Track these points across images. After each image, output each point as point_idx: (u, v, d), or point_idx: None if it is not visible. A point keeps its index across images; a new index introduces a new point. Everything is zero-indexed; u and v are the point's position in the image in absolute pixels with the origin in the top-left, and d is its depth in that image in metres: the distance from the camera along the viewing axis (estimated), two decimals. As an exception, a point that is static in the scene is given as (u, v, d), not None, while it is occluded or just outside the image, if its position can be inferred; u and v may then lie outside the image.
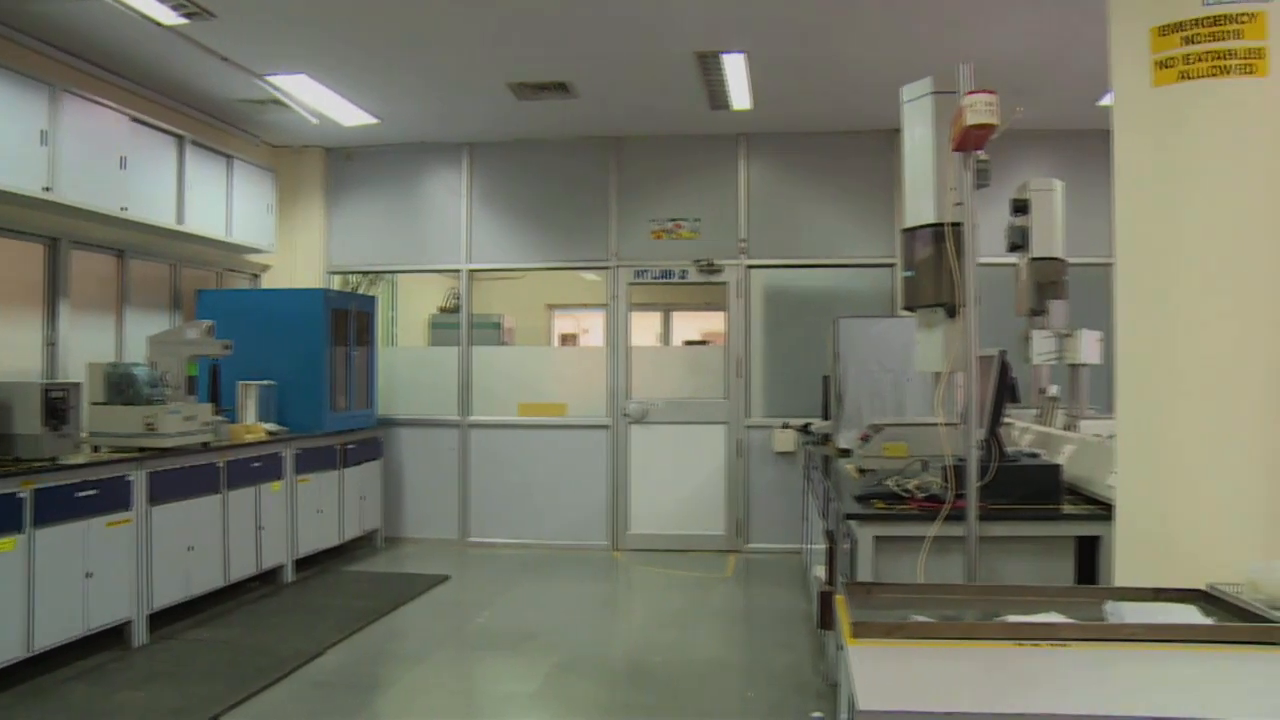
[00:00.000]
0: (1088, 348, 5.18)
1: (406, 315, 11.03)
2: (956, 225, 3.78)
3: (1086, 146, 8.10)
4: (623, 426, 9.60)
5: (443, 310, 10.81)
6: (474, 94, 8.34)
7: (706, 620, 7.25)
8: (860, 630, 2.46)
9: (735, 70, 7.62)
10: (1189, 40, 3.06)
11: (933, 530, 3.69)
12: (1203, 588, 2.82)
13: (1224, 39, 3.02)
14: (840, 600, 2.75)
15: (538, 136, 9.64)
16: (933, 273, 3.88)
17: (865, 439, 4.77)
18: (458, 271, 9.95)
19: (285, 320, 8.53)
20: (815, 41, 7.06)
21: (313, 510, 8.28)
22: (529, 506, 9.68)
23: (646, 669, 6.05)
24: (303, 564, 8.20)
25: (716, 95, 8.25)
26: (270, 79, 7.71)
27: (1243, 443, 3.01)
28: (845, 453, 6.27)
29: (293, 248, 9.85)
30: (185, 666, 5.82)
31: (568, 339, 14.04)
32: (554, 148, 9.75)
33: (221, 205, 8.47)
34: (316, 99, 8.23)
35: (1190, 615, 2.66)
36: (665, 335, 13.51)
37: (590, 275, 10.43)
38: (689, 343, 11.82)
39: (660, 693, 5.63)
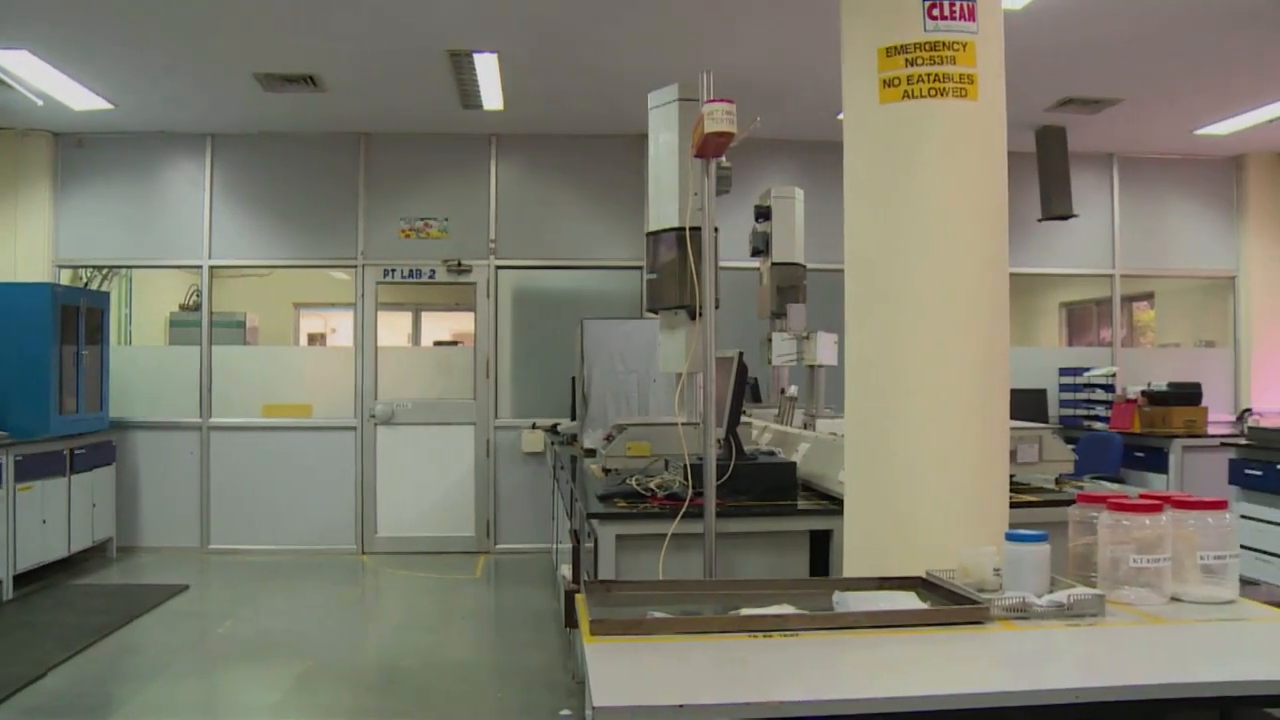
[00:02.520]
0: (824, 350, 5.40)
1: (144, 313, 10.48)
2: (697, 230, 3.89)
3: (827, 157, 8.41)
4: (370, 428, 9.42)
5: (183, 308, 10.32)
6: (218, 83, 8.01)
7: (457, 622, 7.20)
8: (598, 628, 2.50)
9: (487, 70, 7.60)
10: (911, 62, 3.24)
11: (672, 528, 3.77)
12: (921, 575, 3.00)
13: (941, 63, 3.22)
14: (580, 599, 2.79)
15: (285, 129, 9.35)
16: (676, 276, 3.98)
17: (609, 439, 4.84)
18: (199, 268, 9.53)
19: (5, 316, 7.97)
20: (567, 45, 7.12)
21: (36, 520, 7.76)
22: (274, 511, 9.37)
23: (397, 673, 5.96)
24: (24, 579, 7.66)
25: (468, 94, 8.21)
26: (-14, 55, 7.19)
27: (955, 439, 3.21)
28: (591, 453, 6.34)
29: (14, 239, 9.21)
30: (-122, 699, 5.36)
31: (315, 338, 13.68)
32: (302, 142, 9.48)
33: (-72, 191, 7.86)
34: (41, 79, 7.71)
35: (909, 601, 2.82)
36: (415, 335, 13.33)
37: (339, 274, 10.19)
38: (439, 343, 11.71)
39: (411, 697, 5.56)
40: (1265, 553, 6.94)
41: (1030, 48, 6.92)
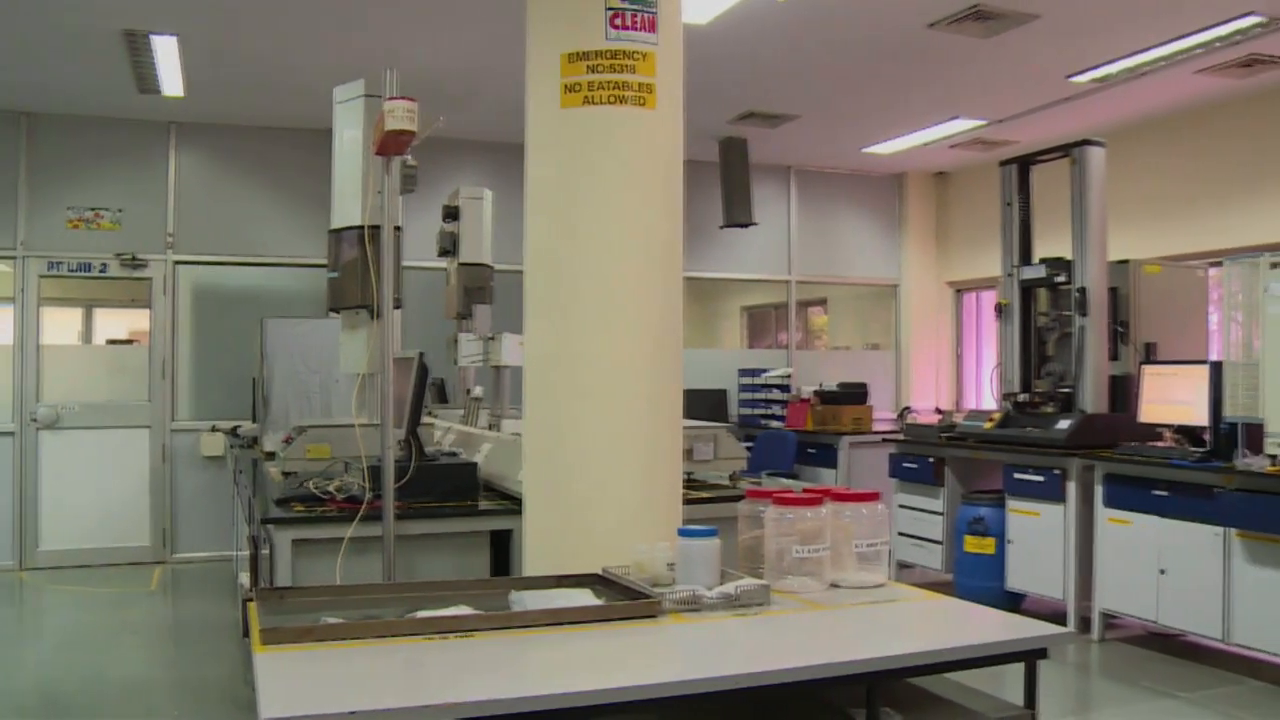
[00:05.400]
0: (510, 350, 5.43)
1: None
2: (376, 228, 3.84)
3: (517, 159, 8.47)
4: (31, 433, 8.74)
5: None
6: None
7: (129, 638, 6.78)
8: (269, 636, 2.43)
9: (166, 53, 7.20)
10: (593, 69, 3.31)
11: (350, 531, 3.71)
12: (598, 572, 3.07)
13: (622, 71, 3.31)
14: (253, 607, 2.70)
15: (-71, 103, 8.53)
16: (357, 275, 3.91)
17: (288, 441, 4.71)
18: None
19: None
20: (251, 32, 6.85)
21: None
22: (-85, 526, 8.52)
23: (59, 698, 5.54)
24: None
25: (146, 78, 7.75)
26: None
27: (629, 438, 3.32)
28: (271, 455, 6.14)
29: None
30: None
31: (-30, 336, 12.57)
32: (-50, 119, 8.67)
33: None
34: None
35: (585, 598, 2.88)
36: (86, 333, 12.48)
37: (-3, 266, 9.41)
38: (112, 341, 11.00)
39: (74, 721, 5.21)
40: (920, 538, 7.50)
41: (714, 62, 7.21)
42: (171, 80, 7.79)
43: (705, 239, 9.92)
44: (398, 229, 3.90)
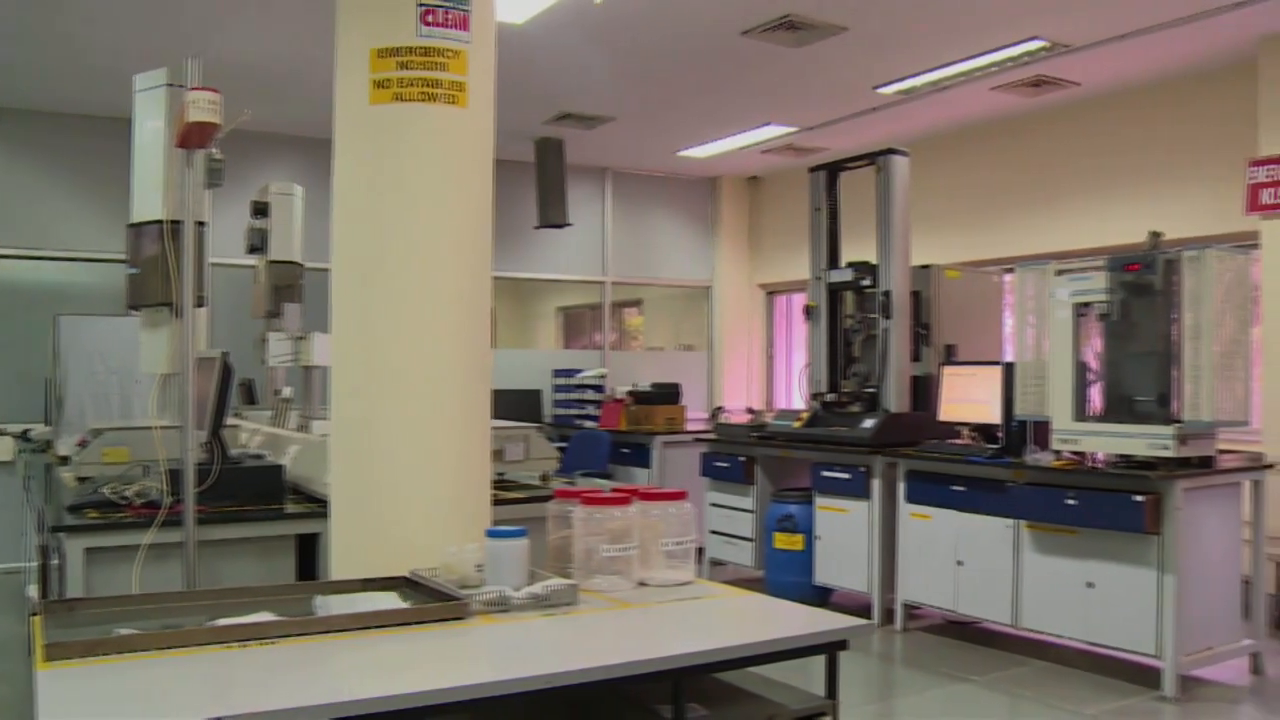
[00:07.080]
0: (321, 350, 5.31)
1: None
2: (178, 223, 3.71)
3: (328, 154, 8.28)
4: None
5: None
6: None
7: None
8: (54, 651, 2.33)
9: (-54, 30, 6.78)
10: (404, 66, 3.28)
11: (147, 538, 3.57)
12: (406, 574, 3.05)
13: (433, 69, 3.29)
14: (38, 621, 2.59)
15: None
16: (159, 271, 3.77)
17: (83, 444, 4.51)
18: None
19: None
20: (48, 11, 6.49)
21: None
22: None
23: None
24: None
25: (-78, 55, 7.28)
26: None
27: (438, 440, 3.30)
28: (65, 460, 5.87)
29: None
30: None
31: None
32: None
33: None
34: None
35: (391, 601, 2.86)
36: None
37: None
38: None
39: None
40: (732, 536, 7.64)
41: (530, 62, 7.20)
42: (-46, 59, 7.35)
43: (520, 239, 9.92)
44: (202, 224, 3.78)
